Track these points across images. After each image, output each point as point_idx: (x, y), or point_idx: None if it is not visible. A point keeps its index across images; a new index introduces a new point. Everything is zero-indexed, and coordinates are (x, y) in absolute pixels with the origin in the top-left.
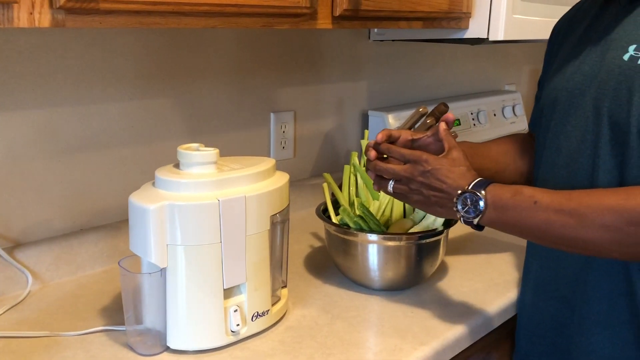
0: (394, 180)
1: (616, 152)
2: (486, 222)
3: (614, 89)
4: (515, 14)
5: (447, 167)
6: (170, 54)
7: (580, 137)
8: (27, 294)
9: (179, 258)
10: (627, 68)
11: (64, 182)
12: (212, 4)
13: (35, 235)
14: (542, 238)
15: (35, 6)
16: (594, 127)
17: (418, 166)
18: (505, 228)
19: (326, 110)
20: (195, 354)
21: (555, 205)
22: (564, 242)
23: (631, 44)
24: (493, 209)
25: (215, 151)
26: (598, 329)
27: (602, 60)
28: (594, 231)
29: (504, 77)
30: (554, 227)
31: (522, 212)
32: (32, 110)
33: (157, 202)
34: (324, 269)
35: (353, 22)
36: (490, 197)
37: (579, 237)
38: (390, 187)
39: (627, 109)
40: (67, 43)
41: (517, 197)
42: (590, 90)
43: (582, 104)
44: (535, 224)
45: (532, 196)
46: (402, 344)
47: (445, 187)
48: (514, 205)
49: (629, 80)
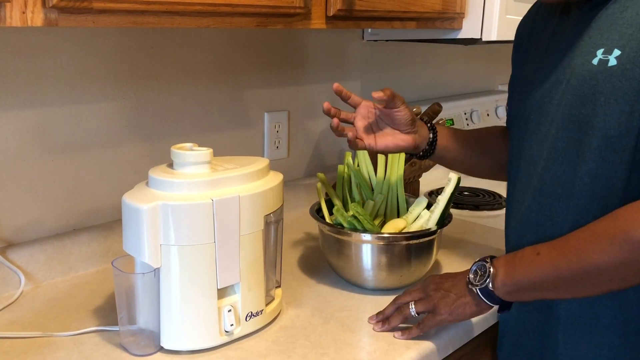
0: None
1: (593, 157)
2: (500, 285)
3: (586, 95)
4: (508, 15)
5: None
6: (163, 54)
7: (551, 144)
8: (20, 294)
9: (173, 258)
10: (598, 72)
11: (57, 181)
12: (205, 4)
13: (28, 235)
14: (558, 286)
15: (27, 5)
16: (564, 134)
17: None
18: (520, 289)
19: (320, 110)
20: (189, 354)
21: (556, 249)
22: (578, 283)
23: (598, 48)
24: (502, 267)
25: (209, 151)
26: (584, 335)
27: (570, 67)
28: (598, 257)
29: (497, 77)
30: (561, 269)
31: (529, 265)
32: (25, 109)
33: (151, 202)
34: (317, 269)
35: (347, 22)
36: (495, 261)
37: (586, 270)
38: (413, 310)
39: (603, 112)
40: (60, 42)
41: (518, 253)
42: (559, 97)
43: (552, 112)
44: (545, 273)
45: (534, 248)
46: (396, 343)
47: (452, 279)
48: (519, 260)
49: (600, 85)
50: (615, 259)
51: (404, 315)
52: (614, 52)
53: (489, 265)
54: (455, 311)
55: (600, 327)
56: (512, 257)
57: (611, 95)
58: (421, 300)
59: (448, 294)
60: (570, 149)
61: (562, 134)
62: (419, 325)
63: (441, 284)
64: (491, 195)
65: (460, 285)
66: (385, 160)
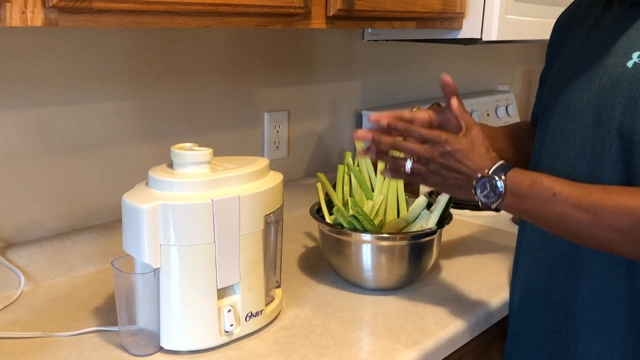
0: (412, 160)
1: (618, 160)
2: (503, 207)
3: (617, 96)
4: (509, 15)
5: (468, 148)
6: (163, 54)
7: (579, 144)
8: (20, 294)
9: (173, 258)
10: (631, 75)
11: (57, 181)
12: (205, 4)
13: (27, 235)
14: (556, 229)
15: (27, 5)
16: (593, 134)
17: (438, 147)
18: (521, 214)
19: (320, 110)
20: (189, 354)
21: (573, 200)
22: (576, 237)
23: (635, 51)
24: (511, 195)
25: (209, 151)
26: (595, 336)
27: (604, 66)
28: (608, 232)
29: (497, 77)
30: (569, 221)
31: (540, 203)
32: (25, 109)
33: (151, 202)
34: (317, 269)
35: (347, 22)
36: (509, 184)
37: (592, 234)
38: (408, 167)
39: (631, 116)
40: (60, 42)
41: (535, 186)
42: (591, 96)
43: (581, 110)
44: (551, 216)
45: (552, 187)
46: (396, 343)
47: (465, 170)
48: (532, 195)
49: (633, 88)
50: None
51: (396, 164)
52: None
53: (499, 190)
54: (445, 192)
55: (614, 330)
56: (526, 185)
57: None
58: (421, 164)
59: (447, 181)
60: (598, 151)
61: (591, 134)
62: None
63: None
64: None
65: (463, 183)
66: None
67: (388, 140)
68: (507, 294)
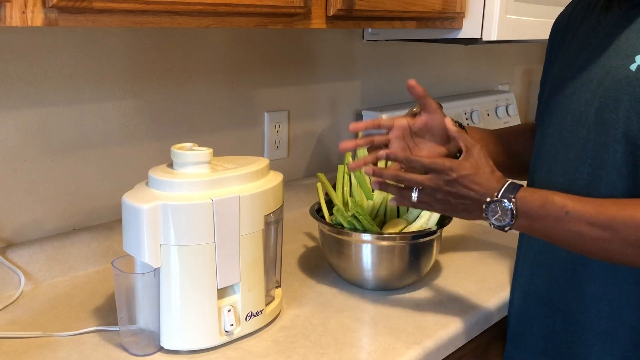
0: (418, 190)
1: (623, 163)
2: (515, 228)
3: (621, 99)
4: (509, 14)
5: (473, 172)
6: (163, 54)
7: (579, 146)
8: (20, 294)
9: (173, 258)
10: (635, 79)
11: (57, 181)
12: (205, 4)
13: (27, 235)
14: (573, 247)
15: (27, 5)
16: (595, 137)
17: (442, 175)
18: (535, 234)
19: (320, 110)
20: (189, 354)
21: (587, 217)
22: (594, 253)
23: (638, 54)
24: (523, 217)
25: (209, 151)
26: (596, 341)
27: (604, 68)
28: (627, 247)
29: (497, 77)
30: (585, 239)
31: (553, 223)
32: (25, 109)
33: (151, 201)
34: (317, 269)
35: (347, 22)
36: (520, 205)
37: (610, 250)
38: (415, 198)
39: (637, 120)
40: (60, 42)
41: (547, 206)
42: (591, 98)
43: (580, 111)
44: (566, 235)
45: (564, 206)
46: (396, 343)
47: (474, 195)
48: (544, 215)
49: (638, 92)
50: None
51: (401, 194)
52: None
53: (511, 213)
54: (456, 215)
55: (617, 335)
56: (537, 206)
57: None
58: (427, 194)
59: (455, 208)
60: (601, 153)
61: (593, 137)
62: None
63: (456, 195)
64: None
65: (473, 209)
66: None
67: (390, 173)
68: (507, 294)
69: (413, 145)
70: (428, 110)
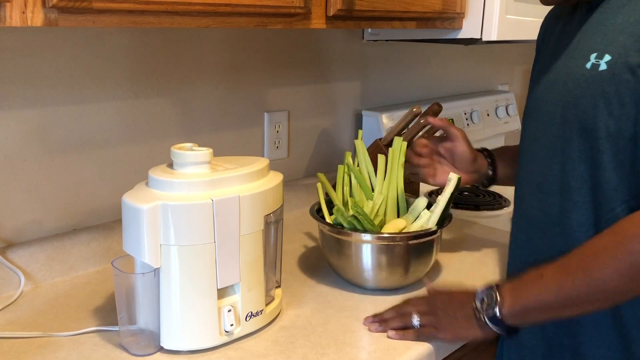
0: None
1: (585, 157)
2: (507, 311)
3: (579, 96)
4: (509, 14)
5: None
6: (163, 54)
7: (550, 144)
8: (20, 294)
9: (173, 258)
10: (590, 76)
11: (57, 181)
12: (205, 4)
13: (27, 235)
14: (565, 306)
15: (27, 5)
16: (562, 134)
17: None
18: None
19: (320, 110)
20: (189, 354)
21: (559, 269)
22: (584, 300)
23: (592, 52)
24: (508, 293)
25: (209, 151)
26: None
27: (567, 68)
28: (601, 274)
29: (497, 77)
30: (566, 289)
31: (534, 288)
32: (25, 109)
33: (151, 202)
34: (317, 269)
35: (347, 22)
36: (501, 287)
37: (591, 287)
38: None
39: (592, 114)
40: (60, 42)
41: (523, 277)
42: (556, 97)
43: (549, 111)
44: (551, 294)
45: (538, 271)
46: (396, 343)
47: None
48: (525, 284)
49: (592, 88)
50: (619, 274)
51: (404, 322)
52: (605, 56)
53: (495, 293)
54: (459, 333)
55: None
56: (517, 283)
57: (601, 99)
58: (427, 314)
59: (455, 316)
60: (567, 149)
61: (560, 134)
62: (417, 332)
63: (449, 303)
64: (491, 195)
65: (467, 309)
66: (385, 160)
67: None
68: None
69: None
70: (452, 138)
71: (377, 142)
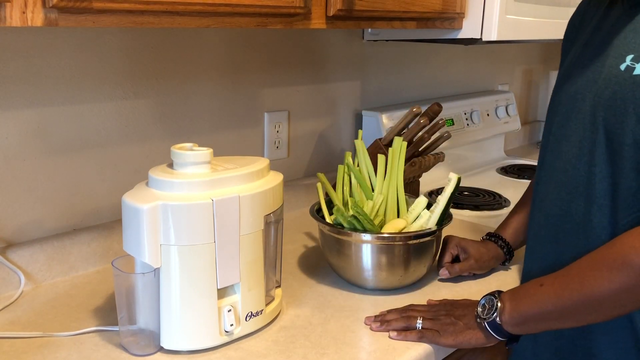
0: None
1: (611, 161)
2: (507, 318)
3: (609, 98)
4: (509, 15)
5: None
6: (163, 54)
7: (578, 143)
8: (20, 294)
9: (173, 258)
10: (623, 78)
11: (57, 181)
12: (205, 4)
13: (27, 235)
14: (563, 316)
15: (27, 5)
16: (590, 134)
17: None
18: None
19: (320, 110)
20: (189, 354)
21: (559, 280)
22: (581, 311)
23: (629, 54)
24: (508, 301)
25: (209, 151)
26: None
27: (602, 66)
28: (597, 285)
29: (497, 77)
30: (564, 299)
31: (534, 297)
32: (25, 109)
33: (151, 202)
34: (317, 269)
35: (347, 22)
36: (502, 295)
37: (587, 298)
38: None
39: (621, 119)
40: (60, 42)
41: (523, 286)
42: (589, 96)
43: (581, 110)
44: (549, 303)
45: (538, 280)
46: (396, 343)
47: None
48: (524, 293)
49: (623, 91)
50: (616, 286)
51: (407, 324)
52: None
53: (496, 300)
54: (461, 339)
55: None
56: (517, 291)
57: (631, 105)
58: (430, 319)
59: (457, 322)
60: (594, 151)
61: (589, 135)
62: (419, 334)
63: (453, 310)
64: (491, 195)
65: (470, 316)
66: (385, 160)
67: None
68: None
69: None
70: None
71: (377, 142)
